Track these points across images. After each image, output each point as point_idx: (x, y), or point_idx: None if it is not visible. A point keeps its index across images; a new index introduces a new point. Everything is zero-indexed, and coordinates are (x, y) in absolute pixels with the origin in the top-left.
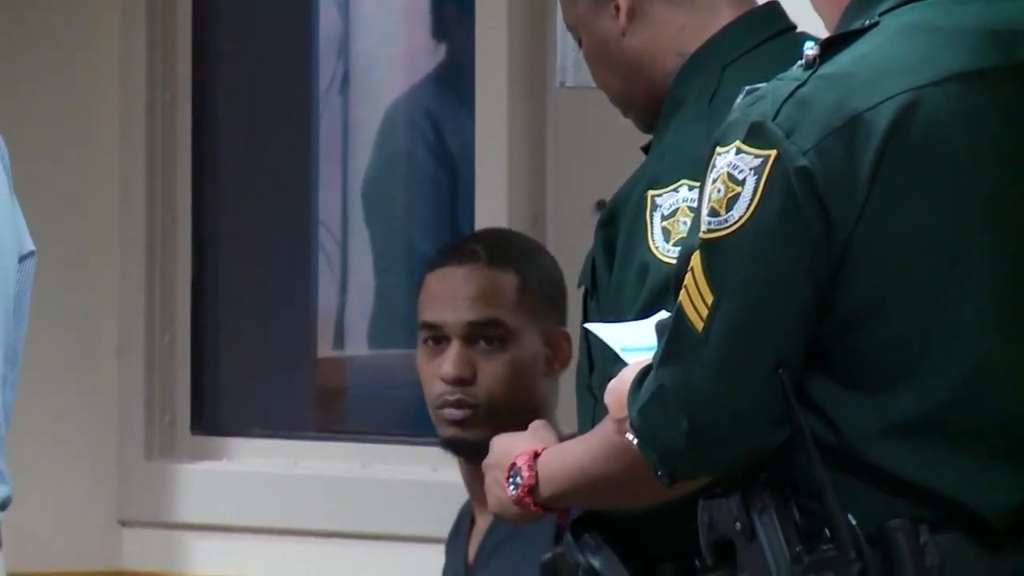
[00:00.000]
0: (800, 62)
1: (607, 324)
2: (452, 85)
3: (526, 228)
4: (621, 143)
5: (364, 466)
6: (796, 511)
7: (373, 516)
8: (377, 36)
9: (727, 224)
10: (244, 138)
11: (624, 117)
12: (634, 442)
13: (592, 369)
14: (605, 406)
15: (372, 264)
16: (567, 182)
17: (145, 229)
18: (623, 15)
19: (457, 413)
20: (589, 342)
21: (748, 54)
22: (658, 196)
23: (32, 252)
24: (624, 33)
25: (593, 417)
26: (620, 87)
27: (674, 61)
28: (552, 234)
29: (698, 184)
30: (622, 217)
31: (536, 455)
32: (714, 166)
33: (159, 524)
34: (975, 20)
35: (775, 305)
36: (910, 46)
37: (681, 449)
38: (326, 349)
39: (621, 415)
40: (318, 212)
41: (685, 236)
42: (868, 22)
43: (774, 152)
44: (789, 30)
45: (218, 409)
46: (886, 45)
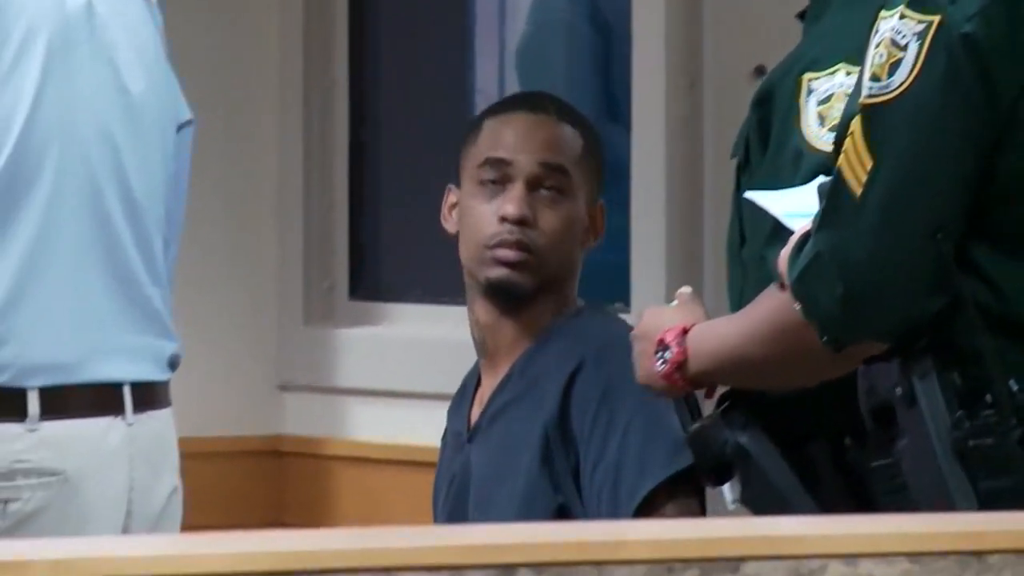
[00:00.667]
0: None
1: (767, 192)
2: None
3: (683, 93)
4: (780, 6)
5: None
6: (957, 377)
7: None
8: None
9: (888, 90)
10: (402, 5)
11: None
12: (798, 309)
13: (743, 242)
14: (755, 279)
15: None
16: (724, 46)
17: (303, 94)
18: None
19: (512, 255)
20: (741, 215)
21: None
22: (814, 80)
23: (190, 120)
24: None
25: (741, 290)
26: None
27: None
28: (709, 99)
29: (856, 70)
30: (777, 99)
31: (685, 331)
32: (877, 31)
33: (318, 389)
34: None
35: (934, 171)
36: None
37: (838, 315)
38: None
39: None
40: (475, 80)
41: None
42: None
43: (938, 18)
44: None
45: (377, 275)
46: None
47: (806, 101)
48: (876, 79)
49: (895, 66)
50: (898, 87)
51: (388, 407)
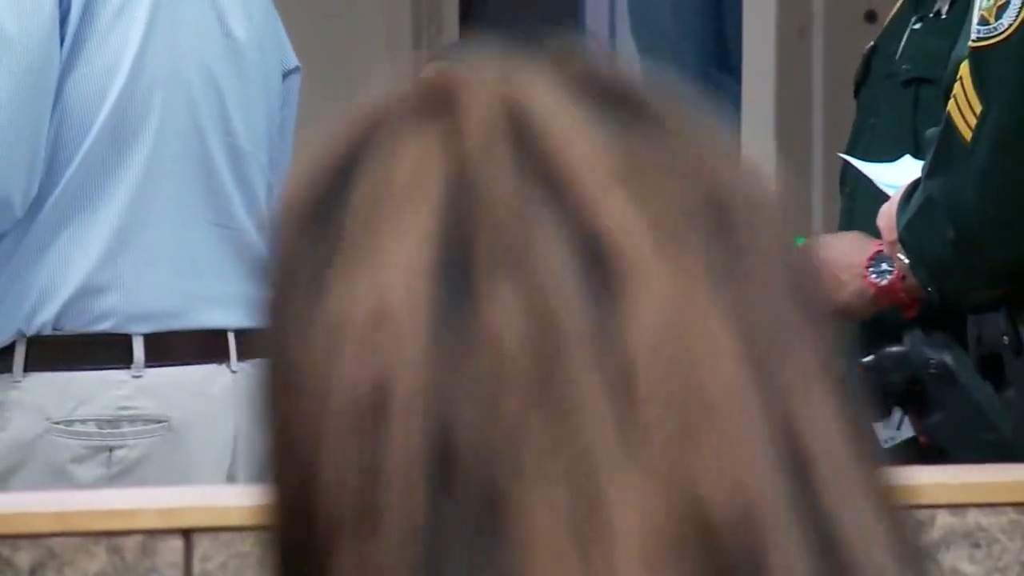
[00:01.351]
0: None
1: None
2: None
3: (793, 39)
4: None
5: None
6: None
7: None
8: None
9: (996, 33)
10: None
11: None
12: (905, 261)
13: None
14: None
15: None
16: None
17: (411, 42)
18: None
19: None
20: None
21: None
22: None
23: (296, 67)
24: None
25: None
26: None
27: None
28: (819, 45)
29: None
30: None
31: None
32: None
33: None
34: None
35: None
36: None
37: (948, 259)
38: None
39: (892, 238)
40: (585, 25)
41: None
42: None
43: None
44: None
45: None
46: None
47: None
48: (984, 23)
49: (1002, 9)
50: (1005, 30)
51: None
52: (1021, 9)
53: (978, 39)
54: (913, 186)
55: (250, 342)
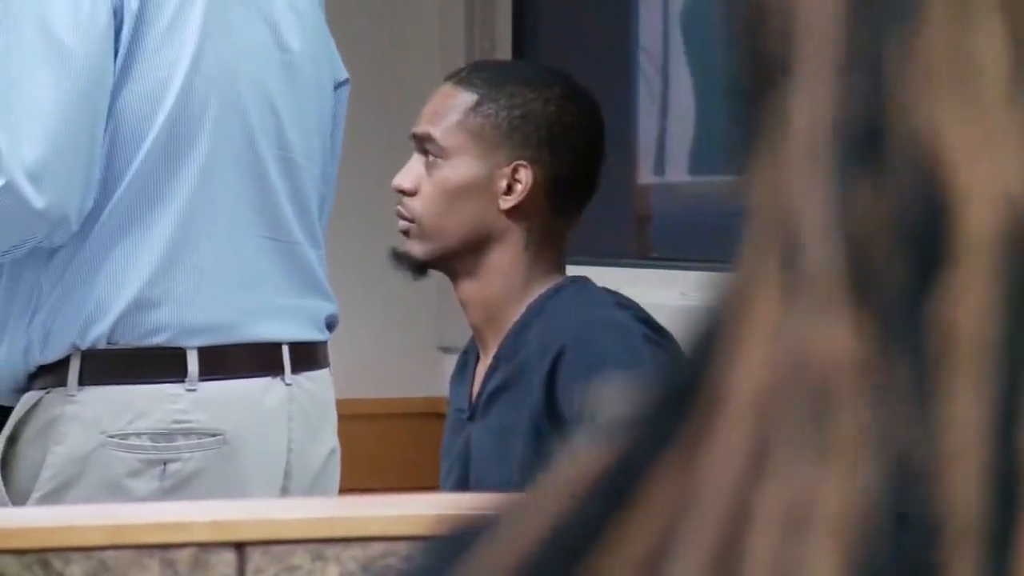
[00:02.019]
0: None
1: None
2: None
3: None
4: None
5: (683, 294)
6: None
7: None
8: None
9: None
10: None
11: None
12: None
13: None
14: None
15: (692, 90)
16: None
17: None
18: None
19: (399, 225)
20: None
21: None
22: None
23: (346, 80)
24: None
25: None
26: None
27: None
28: None
29: None
30: None
31: None
32: None
33: None
34: None
35: None
36: None
37: None
38: (647, 175)
39: None
40: (638, 38)
41: None
42: None
43: None
44: None
45: None
46: None
47: None
48: None
49: None
50: None
51: None
52: None
53: None
54: None
55: (304, 355)
